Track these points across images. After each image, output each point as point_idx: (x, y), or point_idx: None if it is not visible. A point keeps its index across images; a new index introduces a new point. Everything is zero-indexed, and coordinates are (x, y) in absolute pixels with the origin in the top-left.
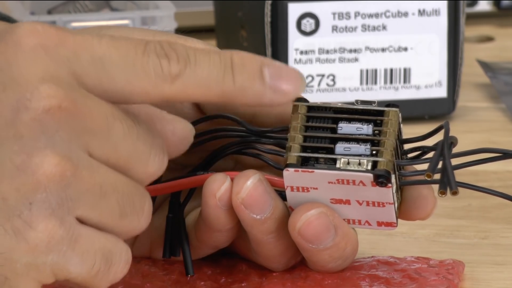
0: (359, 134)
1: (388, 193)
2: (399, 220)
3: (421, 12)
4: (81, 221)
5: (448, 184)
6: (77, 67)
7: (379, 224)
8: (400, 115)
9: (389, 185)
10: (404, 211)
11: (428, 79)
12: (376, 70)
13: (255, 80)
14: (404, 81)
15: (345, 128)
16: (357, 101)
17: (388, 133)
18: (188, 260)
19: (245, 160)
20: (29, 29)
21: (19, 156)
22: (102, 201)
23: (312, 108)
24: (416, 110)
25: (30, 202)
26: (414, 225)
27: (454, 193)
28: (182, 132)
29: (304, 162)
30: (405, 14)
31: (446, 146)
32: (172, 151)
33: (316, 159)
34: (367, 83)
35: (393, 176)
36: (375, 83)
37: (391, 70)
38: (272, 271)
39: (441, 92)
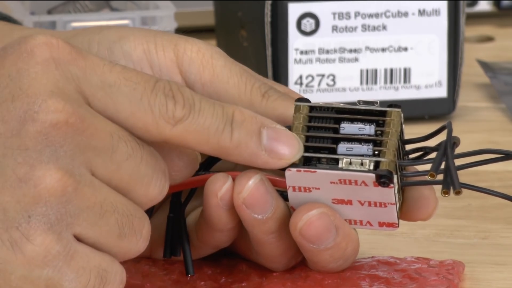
0: (361, 134)
1: (390, 194)
2: (401, 220)
3: (421, 12)
4: (79, 238)
5: (451, 184)
6: (85, 88)
7: (381, 224)
8: (402, 115)
9: (391, 185)
10: (405, 211)
11: (428, 79)
12: (376, 70)
13: (252, 138)
14: (404, 81)
15: (347, 128)
16: (359, 101)
17: (390, 134)
18: (189, 260)
19: None
20: (43, 41)
21: (22, 167)
22: (102, 220)
23: (314, 108)
24: (416, 110)
25: (29, 215)
26: (414, 225)
27: (458, 192)
28: (188, 157)
29: (306, 162)
30: (405, 14)
31: (449, 146)
32: (176, 175)
33: (318, 159)
34: (367, 83)
35: (395, 177)
36: (375, 83)
37: (391, 70)
38: (273, 271)
39: (441, 92)
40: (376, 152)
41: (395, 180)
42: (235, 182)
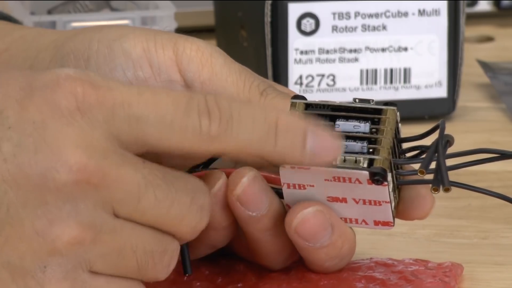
0: (356, 132)
1: (384, 192)
2: (399, 220)
3: (421, 12)
4: (95, 272)
5: (441, 181)
6: (113, 128)
7: (376, 223)
8: (398, 113)
9: (385, 183)
10: (402, 210)
11: (428, 79)
12: (376, 70)
13: (296, 148)
14: (404, 81)
15: (342, 125)
16: (355, 99)
17: (385, 131)
18: (186, 259)
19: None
20: (69, 91)
21: (40, 220)
22: (120, 262)
23: (309, 105)
24: (416, 110)
25: (45, 265)
26: (414, 225)
27: (447, 189)
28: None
29: None
30: (405, 14)
31: (441, 144)
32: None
33: None
34: (367, 83)
35: (389, 175)
36: (375, 83)
37: (391, 70)
38: (269, 272)
39: (441, 92)
40: (371, 150)
41: (389, 178)
42: (229, 179)
